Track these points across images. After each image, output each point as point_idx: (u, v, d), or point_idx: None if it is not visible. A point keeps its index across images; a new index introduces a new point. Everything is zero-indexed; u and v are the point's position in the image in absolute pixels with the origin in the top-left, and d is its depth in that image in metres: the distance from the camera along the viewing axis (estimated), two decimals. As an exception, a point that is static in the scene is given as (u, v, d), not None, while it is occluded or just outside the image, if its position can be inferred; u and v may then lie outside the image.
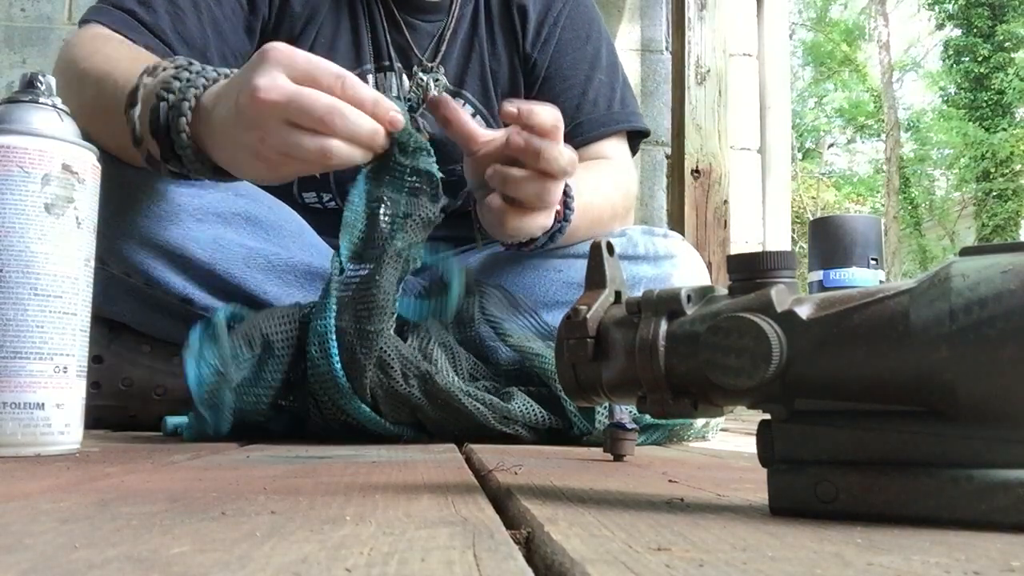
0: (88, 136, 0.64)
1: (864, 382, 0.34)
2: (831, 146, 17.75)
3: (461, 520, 0.33)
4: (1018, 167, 12.66)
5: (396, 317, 0.82)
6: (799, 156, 16.18)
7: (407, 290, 0.87)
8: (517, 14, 1.13)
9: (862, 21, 17.08)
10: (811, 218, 1.37)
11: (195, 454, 0.64)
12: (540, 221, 0.84)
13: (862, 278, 1.14)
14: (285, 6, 1.03)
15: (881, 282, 1.09)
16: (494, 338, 0.90)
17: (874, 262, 1.16)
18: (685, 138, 2.11)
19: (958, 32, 13.38)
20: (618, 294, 0.43)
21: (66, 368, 0.60)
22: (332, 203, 1.11)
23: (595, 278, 0.43)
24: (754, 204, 2.39)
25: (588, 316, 0.41)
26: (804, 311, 0.35)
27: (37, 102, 0.60)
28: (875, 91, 15.97)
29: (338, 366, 0.76)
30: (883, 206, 14.79)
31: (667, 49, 2.29)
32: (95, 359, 0.91)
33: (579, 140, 1.10)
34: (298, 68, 0.69)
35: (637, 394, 0.40)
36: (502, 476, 0.49)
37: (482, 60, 1.12)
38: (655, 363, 0.38)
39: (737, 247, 2.26)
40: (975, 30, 12.95)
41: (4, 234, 0.57)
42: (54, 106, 0.61)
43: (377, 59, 1.08)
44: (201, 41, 0.95)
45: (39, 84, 0.61)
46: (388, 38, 1.08)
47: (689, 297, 0.39)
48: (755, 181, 2.40)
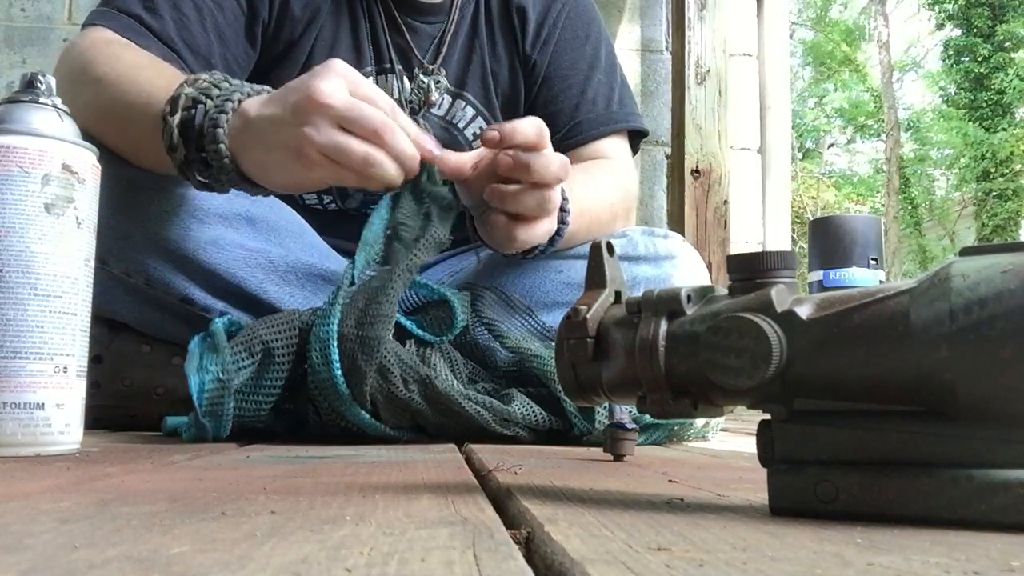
0: (90, 136, 0.64)
1: (864, 382, 0.34)
2: (831, 146, 17.75)
3: (461, 520, 0.33)
4: (1018, 167, 12.66)
5: (399, 327, 0.82)
6: (799, 156, 16.18)
7: (401, 309, 0.87)
8: (516, 15, 1.13)
9: (862, 21, 17.09)
10: (811, 218, 1.37)
11: (195, 454, 0.64)
12: (545, 227, 0.85)
13: (862, 278, 1.14)
14: (285, 9, 1.03)
15: (881, 282, 1.09)
16: (491, 340, 0.90)
17: (874, 262, 1.16)
18: (685, 138, 2.11)
19: (958, 32, 13.38)
20: (618, 294, 0.43)
21: (66, 368, 0.60)
22: (332, 204, 1.11)
23: (595, 278, 0.43)
24: (754, 204, 2.39)
25: (588, 316, 0.41)
26: (804, 311, 0.35)
27: (37, 102, 0.60)
28: (875, 91, 15.97)
29: (339, 373, 0.76)
30: (883, 206, 14.79)
31: (667, 49, 2.29)
32: (95, 359, 0.91)
33: (578, 140, 1.10)
34: (358, 84, 0.73)
35: (637, 394, 0.40)
36: (502, 476, 0.49)
37: (483, 61, 1.12)
38: (655, 363, 0.38)
39: (737, 247, 2.26)
40: (975, 30, 12.95)
41: (4, 234, 0.57)
42: (54, 106, 0.61)
43: (378, 61, 1.08)
44: (205, 47, 0.95)
45: (39, 84, 0.61)
46: (388, 40, 1.08)
47: (689, 297, 0.39)
48: (755, 181, 2.40)
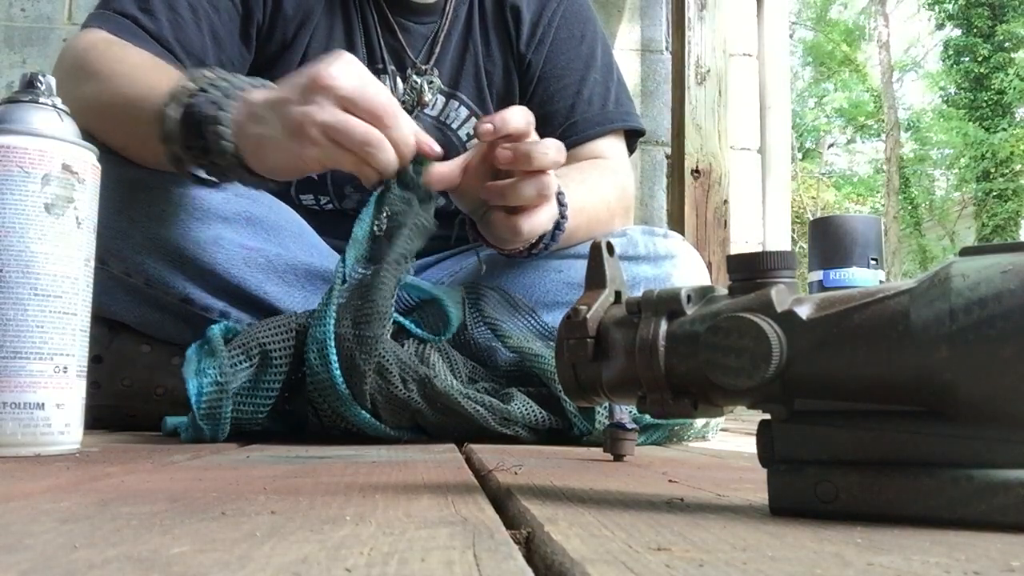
0: (89, 135, 0.64)
1: (864, 382, 0.34)
2: (831, 146, 17.75)
3: (461, 520, 0.33)
4: (1018, 167, 12.66)
5: (397, 326, 0.82)
6: (799, 156, 16.18)
7: (397, 308, 0.87)
8: (511, 15, 1.12)
9: (862, 21, 17.09)
10: (811, 218, 1.37)
11: (195, 454, 0.64)
12: (548, 213, 0.85)
13: (862, 278, 1.14)
14: (278, 10, 1.03)
15: (881, 282, 1.09)
16: (492, 340, 0.90)
17: (874, 262, 1.16)
18: (685, 138, 2.11)
19: (958, 32, 13.38)
20: (618, 294, 0.43)
21: (66, 368, 0.60)
22: (329, 205, 1.11)
23: (595, 278, 0.43)
24: (754, 204, 2.39)
25: (588, 316, 0.41)
26: (804, 311, 0.35)
27: (37, 102, 0.60)
28: (875, 91, 15.97)
29: (338, 373, 0.76)
30: (883, 206, 14.79)
31: (667, 49, 2.29)
32: (95, 359, 0.91)
33: (574, 140, 1.09)
34: (367, 77, 0.74)
35: (637, 394, 0.40)
36: (502, 476, 0.49)
37: (476, 62, 1.11)
38: (655, 363, 0.38)
39: (737, 247, 2.26)
40: (975, 30, 12.95)
41: (4, 234, 0.57)
42: (54, 106, 0.61)
43: (371, 62, 1.08)
44: (200, 48, 0.96)
45: (39, 84, 0.61)
46: (381, 41, 1.08)
47: (689, 297, 0.39)
48: (755, 181, 2.40)
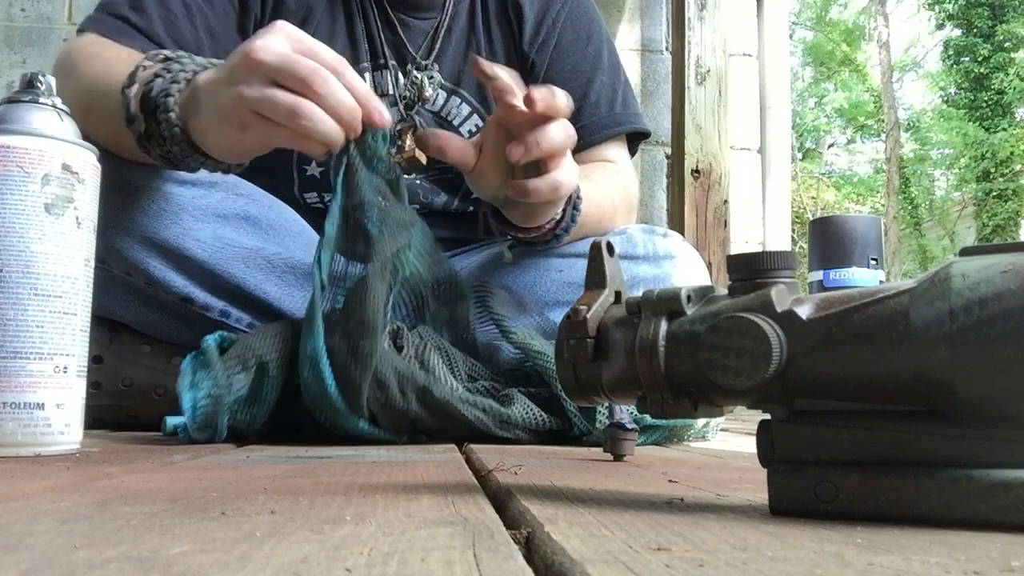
0: (86, 136, 0.64)
1: (864, 382, 0.34)
2: (831, 146, 17.75)
3: (461, 520, 0.33)
4: (1018, 167, 12.66)
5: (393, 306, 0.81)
6: (799, 156, 16.19)
7: (395, 313, 0.87)
8: (513, 12, 1.12)
9: (862, 21, 17.09)
10: (811, 218, 1.37)
11: (195, 454, 0.64)
12: (572, 166, 0.82)
13: (862, 278, 1.14)
14: (279, 5, 1.03)
15: (881, 282, 1.09)
16: (496, 338, 0.89)
17: (874, 262, 1.16)
18: (685, 138, 2.11)
19: (958, 32, 13.38)
20: (618, 294, 0.43)
21: (66, 368, 0.60)
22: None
23: (595, 278, 0.43)
24: (754, 204, 2.39)
25: (588, 316, 0.41)
26: (804, 311, 0.35)
27: (37, 102, 0.61)
28: (875, 91, 15.97)
29: (333, 389, 0.75)
30: (883, 206, 14.79)
31: (667, 49, 2.29)
32: (95, 359, 0.91)
33: (581, 143, 1.10)
34: (302, 43, 0.70)
35: (637, 394, 0.40)
36: (502, 476, 0.49)
37: None
38: (655, 363, 0.38)
39: (737, 247, 2.26)
40: (975, 30, 12.95)
41: (4, 234, 0.57)
42: (54, 106, 0.61)
43: (373, 57, 1.08)
44: (194, 44, 0.96)
45: (39, 84, 0.61)
46: (382, 36, 1.08)
47: (689, 297, 0.39)
48: (755, 181, 2.40)
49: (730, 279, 0.38)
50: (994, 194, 12.67)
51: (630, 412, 0.67)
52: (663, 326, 0.38)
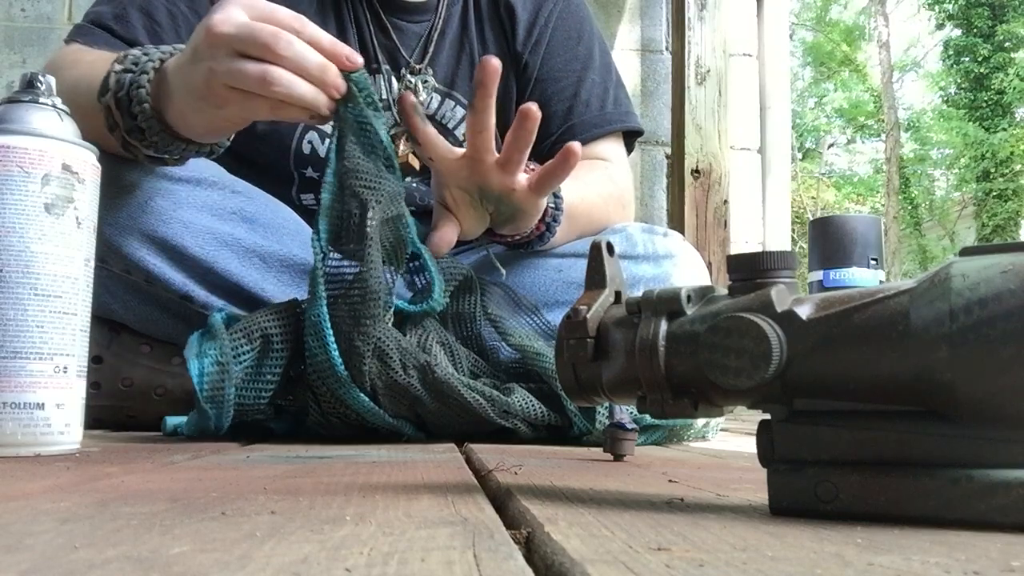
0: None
1: (864, 382, 0.34)
2: (831, 146, 17.75)
3: (461, 520, 0.33)
4: (1018, 167, 12.67)
5: (393, 311, 0.82)
6: (799, 156, 16.19)
7: (400, 294, 0.87)
8: (505, 14, 1.12)
9: (862, 21, 17.09)
10: (811, 218, 1.37)
11: (195, 454, 0.64)
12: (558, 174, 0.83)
13: (862, 278, 1.14)
14: None
15: (881, 282, 1.09)
16: (495, 337, 0.90)
17: (874, 262, 1.16)
18: (685, 138, 2.11)
19: (958, 32, 13.38)
20: (618, 294, 0.43)
21: (66, 368, 0.60)
22: None
23: (595, 278, 0.43)
24: (754, 204, 2.39)
25: (588, 316, 0.41)
26: (804, 311, 0.35)
27: (37, 102, 0.61)
28: (875, 91, 15.97)
29: (335, 354, 0.76)
30: (883, 206, 14.79)
31: (667, 49, 2.29)
32: (95, 359, 0.91)
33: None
34: (257, 8, 0.70)
35: (637, 394, 0.40)
36: (502, 476, 0.49)
37: (472, 60, 1.11)
38: (655, 363, 0.38)
39: (737, 247, 2.26)
40: (975, 30, 12.95)
41: (4, 234, 0.57)
42: (54, 106, 0.61)
43: (365, 62, 1.08)
44: None
45: (39, 84, 0.61)
46: (375, 40, 1.08)
47: (689, 297, 0.39)
48: (755, 181, 2.40)
49: (730, 279, 0.38)
50: (994, 194, 12.67)
51: (630, 412, 0.67)
52: (663, 326, 0.38)
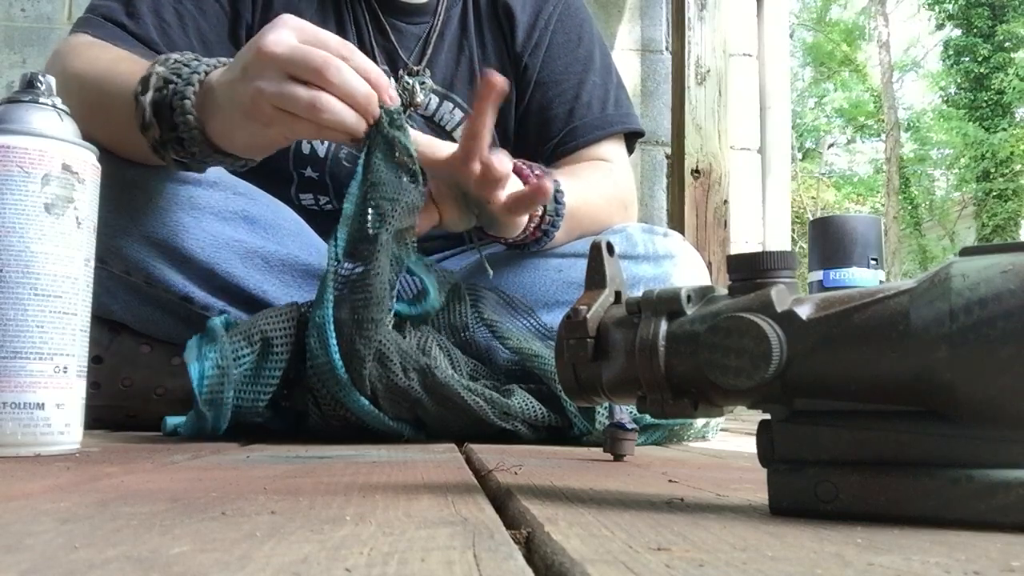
0: (87, 136, 0.64)
1: (864, 382, 0.34)
2: (831, 146, 17.75)
3: (461, 520, 0.33)
4: (1018, 167, 12.67)
5: (393, 314, 0.82)
6: (799, 156, 16.19)
7: (401, 295, 0.87)
8: (504, 16, 1.12)
9: (862, 21, 17.09)
10: (811, 218, 1.37)
11: (195, 454, 0.64)
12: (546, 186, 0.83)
13: (862, 278, 1.14)
14: (268, 11, 1.03)
15: (881, 282, 1.09)
16: (491, 340, 0.90)
17: (874, 262, 1.16)
18: (685, 138, 2.11)
19: (958, 32, 13.38)
20: (618, 294, 0.43)
21: (66, 368, 0.60)
22: (328, 205, 1.11)
23: (595, 278, 0.43)
24: (754, 204, 2.39)
25: (588, 316, 0.41)
26: (804, 311, 0.35)
27: (37, 102, 0.60)
28: (875, 91, 15.97)
29: (337, 357, 0.76)
30: (883, 206, 14.79)
31: (667, 49, 2.29)
32: (95, 359, 0.91)
33: (573, 144, 1.10)
34: (308, 32, 0.72)
35: (637, 394, 0.40)
36: (502, 476, 0.49)
37: (471, 63, 1.11)
38: (655, 363, 0.38)
39: (737, 247, 2.26)
40: (975, 30, 12.95)
41: (4, 234, 0.57)
42: (54, 106, 0.61)
43: None
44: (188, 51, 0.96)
45: (39, 84, 0.61)
46: (373, 42, 1.08)
47: (689, 297, 0.39)
48: (755, 181, 2.40)
49: (730, 279, 0.38)
50: (994, 194, 12.67)
51: (630, 412, 0.67)
52: (663, 326, 0.38)
